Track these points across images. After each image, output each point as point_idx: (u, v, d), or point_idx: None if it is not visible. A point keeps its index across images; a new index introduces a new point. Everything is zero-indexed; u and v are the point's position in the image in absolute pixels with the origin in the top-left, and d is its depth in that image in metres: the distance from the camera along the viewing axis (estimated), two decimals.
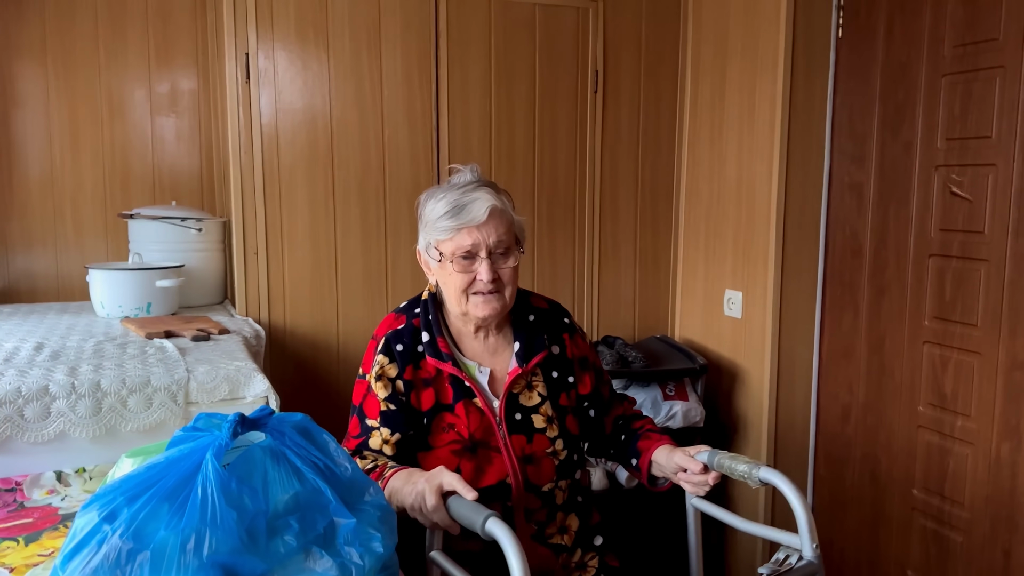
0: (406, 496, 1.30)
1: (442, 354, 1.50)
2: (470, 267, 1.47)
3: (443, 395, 1.50)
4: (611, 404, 1.69)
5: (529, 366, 1.54)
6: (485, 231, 1.46)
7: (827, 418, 2.51)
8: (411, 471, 1.36)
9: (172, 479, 0.99)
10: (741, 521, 1.48)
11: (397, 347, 1.50)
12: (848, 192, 2.38)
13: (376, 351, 1.52)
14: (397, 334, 1.52)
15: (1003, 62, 1.90)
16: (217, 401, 1.63)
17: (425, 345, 1.51)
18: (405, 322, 1.54)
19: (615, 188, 2.81)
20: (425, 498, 1.25)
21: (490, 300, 1.49)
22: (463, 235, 1.46)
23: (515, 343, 1.56)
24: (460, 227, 1.46)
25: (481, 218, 1.46)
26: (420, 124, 2.53)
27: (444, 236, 1.47)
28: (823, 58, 2.42)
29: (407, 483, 1.32)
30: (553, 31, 2.65)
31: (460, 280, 1.48)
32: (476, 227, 1.46)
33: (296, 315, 2.47)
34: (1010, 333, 1.92)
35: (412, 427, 1.48)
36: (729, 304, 2.66)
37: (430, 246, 1.52)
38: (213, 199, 2.88)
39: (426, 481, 1.27)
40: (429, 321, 1.54)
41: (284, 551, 0.98)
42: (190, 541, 0.92)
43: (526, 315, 1.60)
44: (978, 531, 2.03)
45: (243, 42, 2.35)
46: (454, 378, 1.50)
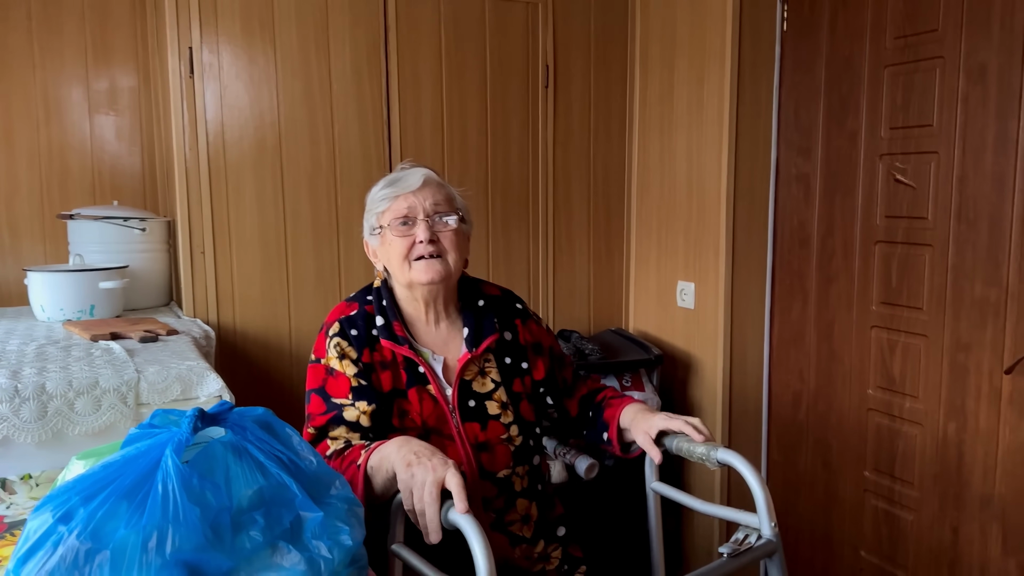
0: (404, 464, 1.21)
1: (398, 337, 1.49)
2: (408, 232, 1.48)
3: (398, 380, 1.49)
4: (575, 387, 1.69)
5: (479, 350, 1.53)
6: (421, 195, 1.49)
7: (779, 404, 2.55)
8: (409, 440, 1.28)
9: (130, 477, 0.95)
10: (701, 503, 1.50)
11: (352, 331, 1.49)
12: (795, 183, 2.43)
13: (329, 335, 1.50)
14: (350, 320, 1.51)
15: (942, 53, 1.96)
16: (169, 401, 1.59)
17: (380, 329, 1.50)
18: (358, 308, 1.53)
19: (568, 183, 2.82)
20: (426, 488, 1.17)
21: (432, 264, 1.48)
22: (399, 201, 1.49)
23: (464, 328, 1.56)
24: (396, 194, 1.49)
25: (415, 184, 1.49)
26: (371, 120, 2.50)
27: (382, 207, 1.50)
28: (769, 52, 2.46)
29: (410, 451, 1.23)
30: (503, 26, 2.65)
31: (400, 245, 1.48)
32: (411, 192, 1.49)
33: (246, 315, 2.42)
34: (954, 316, 1.97)
35: (382, 403, 1.46)
36: (682, 295, 2.69)
37: (372, 227, 1.53)
38: (157, 198, 2.80)
39: (435, 469, 1.18)
40: (383, 306, 1.53)
41: (250, 547, 0.96)
42: (152, 539, 0.89)
43: (476, 301, 1.60)
44: (927, 509, 2.09)
45: (186, 36, 2.29)
46: (408, 362, 1.49)
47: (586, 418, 1.67)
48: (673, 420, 1.46)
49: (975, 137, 1.89)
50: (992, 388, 1.90)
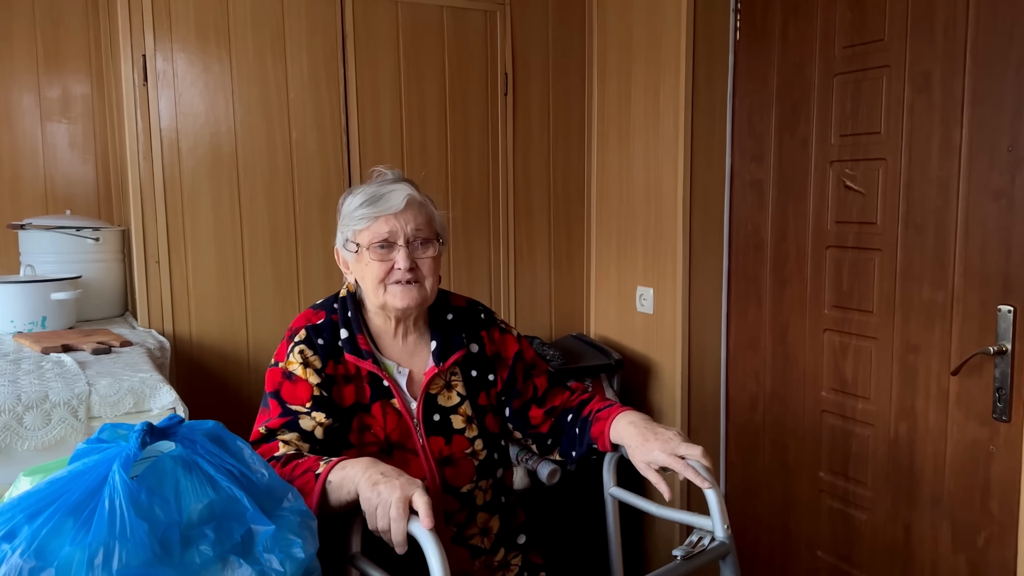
0: (371, 483, 1.19)
1: (362, 351, 1.48)
2: (387, 256, 1.45)
3: (361, 394, 1.47)
4: (547, 396, 1.62)
5: (446, 365, 1.52)
6: (403, 219, 1.45)
7: (736, 407, 2.59)
8: (376, 462, 1.25)
9: (76, 493, 0.94)
10: (657, 507, 1.51)
11: (318, 341, 1.47)
12: (749, 189, 2.47)
13: (292, 341, 1.47)
14: (317, 328, 1.49)
15: (888, 62, 2.01)
16: (122, 415, 1.56)
17: (344, 342, 1.48)
18: (324, 317, 1.51)
19: (528, 189, 2.84)
20: (393, 504, 1.15)
21: (409, 290, 1.46)
22: (380, 223, 1.45)
23: (432, 342, 1.55)
24: (377, 215, 1.45)
25: (398, 206, 1.45)
26: (329, 127, 2.49)
27: (361, 225, 1.46)
28: (723, 60, 2.50)
29: (377, 471, 1.21)
30: (461, 34, 2.66)
31: (377, 269, 1.45)
32: (393, 215, 1.45)
33: (203, 325, 2.39)
34: (903, 319, 2.02)
35: (339, 419, 1.45)
36: (641, 300, 2.71)
37: (347, 240, 1.49)
38: (111, 208, 2.76)
39: (402, 487, 1.16)
40: (348, 318, 1.51)
41: (200, 561, 0.95)
42: (98, 556, 0.88)
43: (444, 314, 1.58)
44: (881, 509, 2.13)
45: (139, 43, 2.27)
46: (372, 377, 1.48)
47: (562, 433, 1.59)
48: (674, 460, 1.38)
49: (921, 144, 1.94)
50: (940, 389, 1.95)
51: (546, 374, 1.65)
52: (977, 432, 1.87)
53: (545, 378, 1.64)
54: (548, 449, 1.63)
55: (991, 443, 1.84)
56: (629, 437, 1.46)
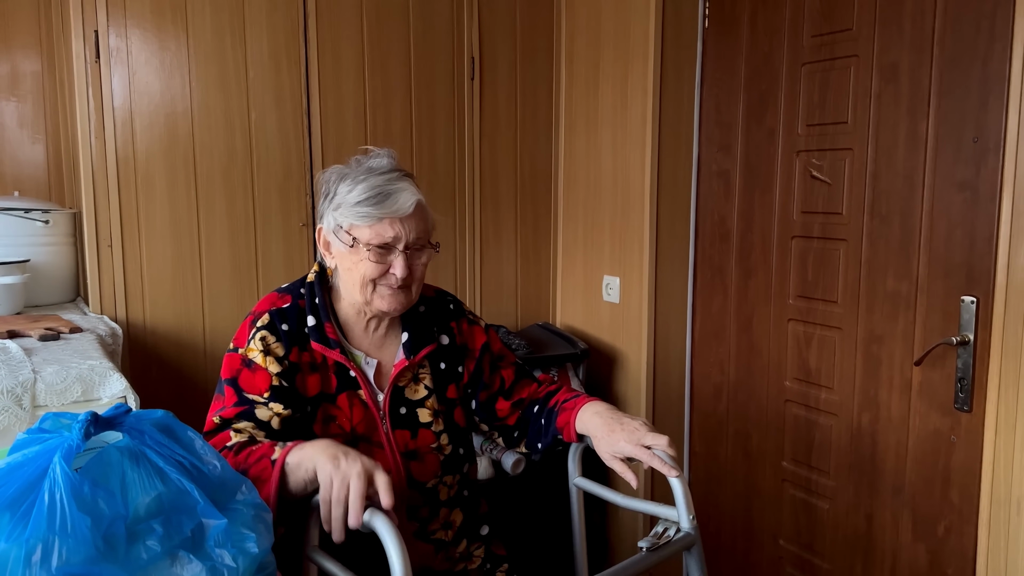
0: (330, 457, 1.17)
1: (329, 340, 1.43)
2: (385, 258, 1.40)
3: (327, 384, 1.43)
4: (514, 388, 1.59)
5: (416, 358, 1.49)
6: (408, 225, 1.40)
7: (701, 396, 2.59)
8: (336, 443, 1.23)
9: (14, 486, 0.89)
10: (622, 498, 1.50)
11: (283, 326, 1.41)
12: (716, 179, 2.46)
13: (254, 325, 1.41)
14: (282, 313, 1.43)
15: (856, 51, 2.00)
16: (69, 404, 1.50)
17: (311, 329, 1.43)
18: (290, 302, 1.45)
19: (495, 176, 2.80)
20: (353, 477, 1.13)
21: (397, 295, 1.42)
22: (384, 225, 1.38)
23: (403, 334, 1.51)
24: (383, 216, 1.38)
25: (407, 210, 1.39)
26: (289, 108, 2.42)
27: (363, 222, 1.39)
28: (691, 49, 2.48)
29: (338, 449, 1.19)
30: (428, 15, 2.60)
31: (372, 270, 1.39)
32: (400, 219, 1.39)
33: (157, 311, 2.32)
34: (867, 309, 2.03)
35: (299, 410, 1.40)
36: (608, 290, 2.70)
37: (340, 229, 1.42)
38: (62, 189, 2.67)
39: (363, 463, 1.15)
40: (316, 305, 1.45)
41: (147, 557, 0.91)
42: (36, 552, 0.83)
43: (416, 306, 1.53)
44: (843, 498, 2.14)
45: (91, 19, 2.18)
46: (339, 367, 1.43)
47: (528, 425, 1.57)
48: (640, 450, 1.36)
49: (887, 135, 1.94)
50: (903, 379, 1.96)
51: (513, 366, 1.62)
52: (939, 422, 1.89)
53: (512, 370, 1.61)
54: (515, 442, 1.60)
55: (952, 433, 1.86)
56: (595, 427, 1.44)
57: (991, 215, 1.74)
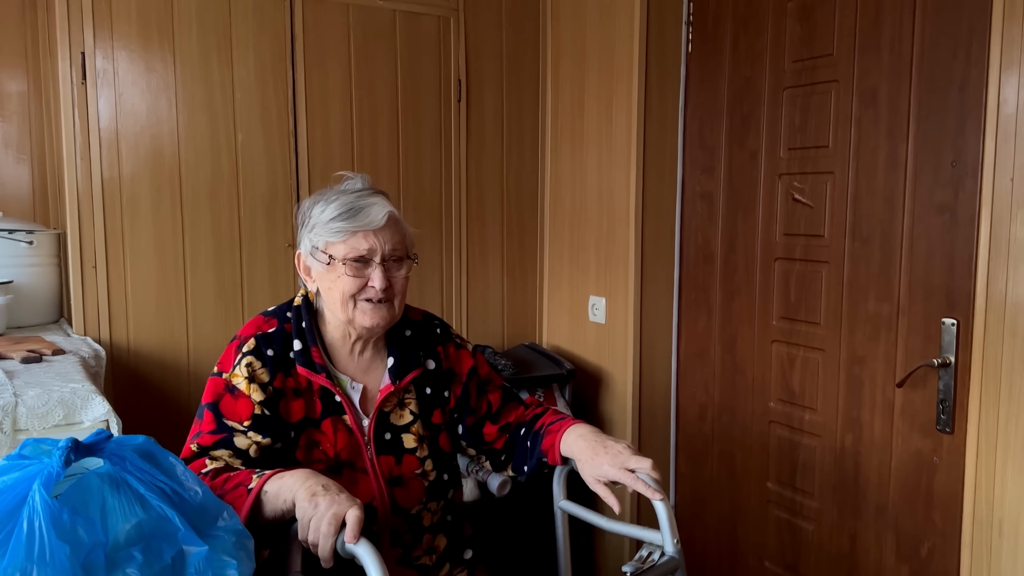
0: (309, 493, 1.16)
1: (315, 365, 1.43)
2: (362, 272, 1.41)
3: (311, 409, 1.42)
4: (501, 412, 1.59)
5: (402, 384, 1.48)
6: (382, 237, 1.41)
7: (686, 417, 2.59)
8: (316, 474, 1.23)
9: None
10: (606, 521, 1.50)
11: (268, 351, 1.41)
12: (700, 200, 2.48)
13: (240, 351, 1.41)
14: (268, 338, 1.43)
15: (837, 76, 2.03)
16: (51, 427, 1.49)
17: (297, 354, 1.43)
18: (276, 326, 1.45)
19: (481, 197, 2.81)
20: (325, 518, 1.13)
21: (379, 309, 1.42)
22: (359, 238, 1.40)
23: (389, 359, 1.51)
24: (356, 230, 1.40)
25: (379, 222, 1.40)
26: (276, 130, 2.43)
27: (337, 238, 1.40)
28: (674, 72, 2.51)
29: (317, 483, 1.18)
30: (414, 38, 2.62)
31: (350, 285, 1.40)
32: (373, 232, 1.40)
33: (141, 333, 2.31)
34: (849, 330, 2.04)
35: (280, 438, 1.39)
36: (593, 310, 2.71)
37: (316, 250, 1.43)
38: (47, 210, 2.66)
39: (339, 503, 1.14)
40: (302, 329, 1.45)
41: None
42: None
43: (402, 330, 1.54)
44: (827, 519, 2.15)
45: (78, 40, 2.18)
46: (325, 392, 1.43)
47: (514, 448, 1.56)
48: (624, 473, 1.36)
49: (867, 158, 1.97)
50: (885, 400, 1.97)
51: (500, 389, 1.62)
52: (921, 443, 1.90)
53: (499, 394, 1.61)
54: (502, 465, 1.60)
55: (935, 454, 1.87)
56: (579, 451, 1.44)
57: (970, 238, 1.76)
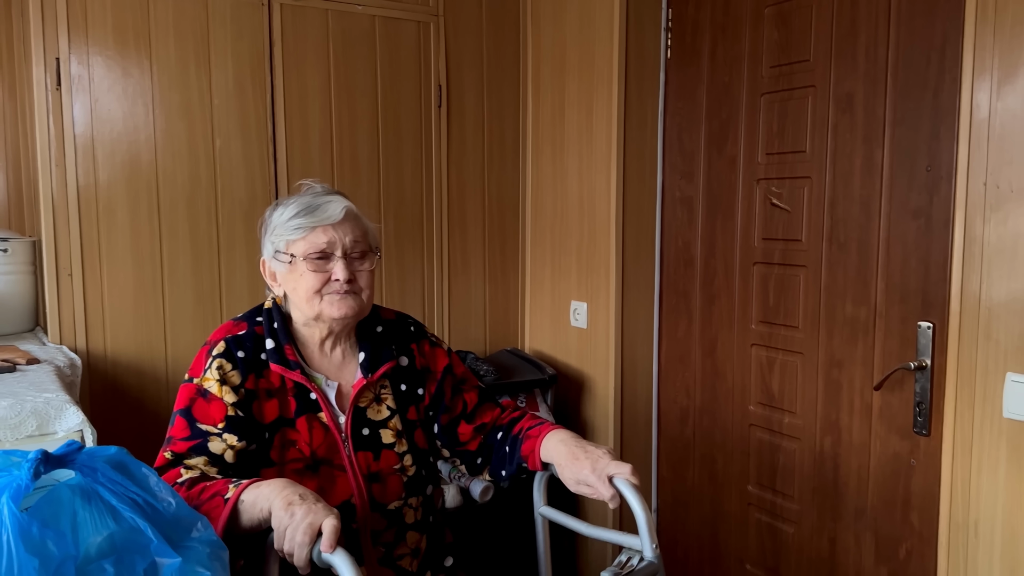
0: (285, 503, 1.15)
1: (289, 362, 1.42)
2: (324, 267, 1.41)
3: (285, 408, 1.42)
4: (476, 412, 1.58)
5: (375, 376, 1.48)
6: (341, 230, 1.42)
7: (667, 421, 2.60)
8: (293, 483, 1.21)
9: None
10: (586, 527, 1.49)
11: (239, 353, 1.40)
12: (679, 205, 2.49)
13: (210, 355, 1.41)
14: (238, 340, 1.42)
15: (814, 82, 2.05)
16: (23, 438, 1.48)
17: (269, 352, 1.43)
18: (246, 329, 1.45)
19: (463, 202, 2.81)
20: (300, 528, 1.12)
21: (346, 299, 1.42)
22: (317, 233, 1.41)
23: (360, 353, 1.51)
24: (314, 225, 1.41)
25: (337, 217, 1.42)
26: (255, 136, 2.42)
27: (296, 235, 1.41)
28: (653, 78, 2.52)
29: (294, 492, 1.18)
30: (394, 43, 2.62)
31: (313, 280, 1.41)
32: (331, 226, 1.41)
33: (118, 341, 2.29)
34: (827, 334, 2.06)
35: (255, 440, 1.38)
36: (575, 315, 2.71)
37: (279, 252, 1.44)
38: (22, 217, 2.63)
39: (315, 513, 1.14)
40: (275, 329, 1.45)
41: None
42: None
43: (373, 327, 1.54)
44: (807, 522, 2.16)
45: (53, 45, 2.17)
46: (299, 389, 1.42)
47: (491, 452, 1.56)
48: (603, 482, 1.35)
49: (844, 163, 1.99)
50: (863, 403, 1.98)
51: (476, 389, 1.62)
52: (898, 446, 1.91)
53: (475, 393, 1.61)
54: (478, 469, 1.59)
55: (912, 456, 1.88)
56: (559, 456, 1.44)
57: (945, 242, 1.78)
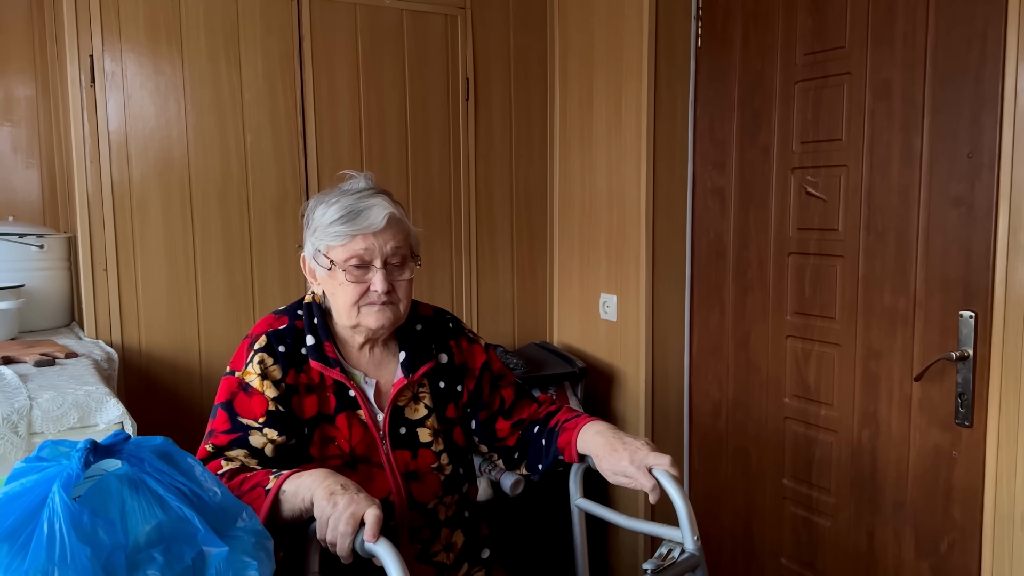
0: (327, 492, 1.15)
1: (329, 359, 1.42)
2: (363, 277, 1.39)
3: (325, 405, 1.41)
4: (514, 408, 1.58)
5: (415, 376, 1.47)
6: (382, 238, 1.39)
7: (699, 414, 2.58)
8: (334, 473, 1.21)
9: (12, 516, 0.88)
10: (625, 519, 1.48)
11: (280, 348, 1.40)
12: (711, 196, 2.47)
13: (252, 348, 1.40)
14: (279, 334, 1.42)
15: (849, 69, 2.02)
16: (65, 430, 1.49)
17: (310, 349, 1.42)
18: (287, 323, 1.44)
19: (490, 196, 2.80)
20: (343, 518, 1.12)
21: (384, 310, 1.41)
22: (357, 241, 1.38)
23: (401, 353, 1.50)
24: (355, 233, 1.38)
25: (378, 225, 1.38)
26: (285, 131, 2.42)
27: (336, 242, 1.39)
28: (684, 67, 2.50)
29: (335, 482, 1.17)
30: (422, 37, 2.62)
31: (352, 292, 1.39)
32: (372, 234, 1.38)
33: (153, 335, 2.30)
34: (865, 325, 2.03)
35: (295, 435, 1.39)
36: (604, 308, 2.69)
37: (318, 253, 1.42)
38: (56, 214, 2.66)
39: (358, 502, 1.13)
40: (315, 325, 1.45)
41: None
42: None
43: (413, 324, 1.53)
44: (844, 515, 2.13)
45: (86, 43, 2.18)
46: (339, 387, 1.42)
47: (528, 446, 1.55)
48: (643, 472, 1.35)
49: (881, 151, 1.95)
50: (903, 395, 1.95)
51: (513, 385, 1.61)
52: (939, 438, 1.88)
53: (513, 390, 1.60)
54: (515, 463, 1.59)
55: (953, 448, 1.85)
56: (596, 447, 1.43)
57: (987, 230, 1.74)
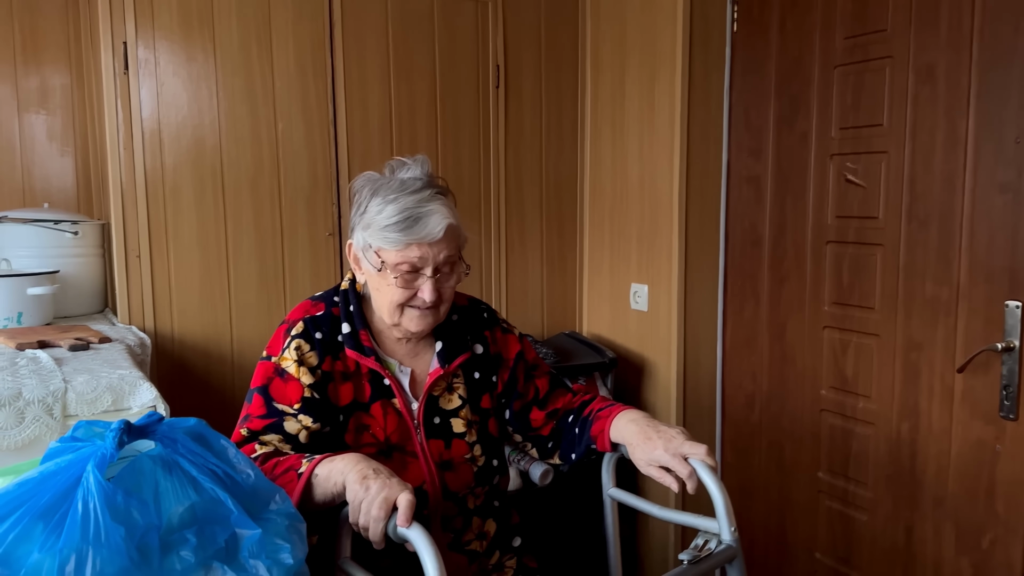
0: (360, 476, 1.14)
1: (364, 348, 1.41)
2: (412, 283, 1.37)
3: (360, 393, 1.40)
4: (548, 398, 1.56)
5: (451, 367, 1.46)
6: (436, 248, 1.36)
7: (733, 406, 2.54)
8: (367, 458, 1.21)
9: (47, 495, 0.88)
10: (659, 508, 1.46)
11: (316, 335, 1.40)
12: (746, 184, 2.43)
13: (289, 334, 1.40)
14: (315, 321, 1.41)
15: (891, 52, 1.96)
16: (99, 413, 1.49)
17: (345, 337, 1.41)
18: (324, 310, 1.44)
19: (520, 185, 2.78)
20: (376, 502, 1.11)
21: (426, 316, 1.40)
22: (412, 249, 1.35)
23: (437, 343, 1.48)
24: (411, 241, 1.35)
25: (436, 236, 1.35)
26: (316, 119, 2.42)
27: (391, 247, 1.36)
28: (719, 53, 2.45)
29: (368, 466, 1.17)
30: (452, 25, 2.60)
31: (399, 295, 1.38)
32: (428, 244, 1.35)
33: (185, 322, 2.31)
34: (906, 315, 1.98)
35: (330, 422, 1.38)
36: (635, 298, 2.66)
37: (369, 249, 1.39)
38: (91, 201, 2.68)
39: (391, 487, 1.12)
40: (351, 312, 1.44)
41: (181, 568, 0.89)
42: (69, 563, 0.82)
43: (449, 315, 1.51)
44: (881, 510, 2.09)
45: (120, 31, 2.19)
46: (374, 375, 1.41)
47: (562, 435, 1.54)
48: (678, 460, 1.33)
49: (925, 136, 1.90)
50: (944, 387, 1.91)
51: (548, 375, 1.59)
52: (983, 431, 1.83)
53: (547, 379, 1.58)
54: (548, 452, 1.57)
55: (998, 442, 1.80)
56: (630, 435, 1.40)
57: None
